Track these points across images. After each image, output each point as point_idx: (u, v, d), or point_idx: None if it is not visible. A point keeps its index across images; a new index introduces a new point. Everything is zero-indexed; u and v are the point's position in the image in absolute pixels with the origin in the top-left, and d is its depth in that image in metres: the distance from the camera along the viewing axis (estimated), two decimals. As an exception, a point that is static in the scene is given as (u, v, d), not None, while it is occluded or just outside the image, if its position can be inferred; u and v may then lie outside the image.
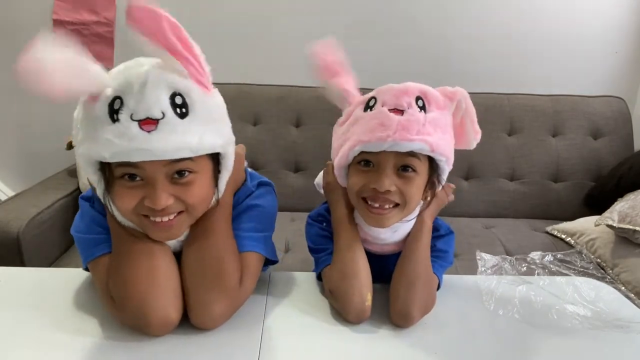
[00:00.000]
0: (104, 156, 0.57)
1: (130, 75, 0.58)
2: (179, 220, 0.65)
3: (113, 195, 0.63)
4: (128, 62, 0.62)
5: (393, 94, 0.69)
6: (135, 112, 0.56)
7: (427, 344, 0.68)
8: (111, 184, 0.62)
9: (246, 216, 0.75)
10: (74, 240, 0.74)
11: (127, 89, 0.57)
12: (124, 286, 0.64)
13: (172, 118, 0.58)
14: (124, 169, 0.60)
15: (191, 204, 0.64)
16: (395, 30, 1.96)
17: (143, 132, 0.56)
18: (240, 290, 0.69)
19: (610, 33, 2.00)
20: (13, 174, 2.10)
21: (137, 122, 0.56)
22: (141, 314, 0.63)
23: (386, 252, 0.80)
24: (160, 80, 0.58)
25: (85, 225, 0.72)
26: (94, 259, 0.69)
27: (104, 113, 0.57)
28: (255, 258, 0.73)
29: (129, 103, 0.57)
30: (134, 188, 0.61)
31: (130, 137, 0.56)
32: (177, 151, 0.58)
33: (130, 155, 0.57)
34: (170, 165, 0.60)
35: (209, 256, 0.68)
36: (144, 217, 0.64)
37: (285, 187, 1.78)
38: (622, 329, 0.73)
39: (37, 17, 1.89)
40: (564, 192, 1.86)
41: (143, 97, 0.57)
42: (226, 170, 0.69)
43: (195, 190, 0.64)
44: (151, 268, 0.65)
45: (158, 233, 0.65)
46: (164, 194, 0.60)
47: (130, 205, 0.62)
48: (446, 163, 0.72)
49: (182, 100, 0.59)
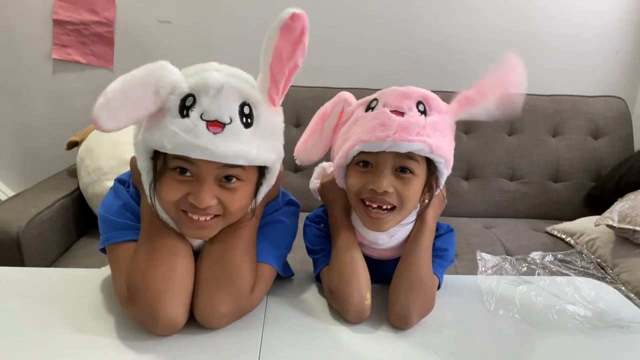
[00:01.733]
0: (166, 146, 0.60)
1: (209, 77, 0.60)
2: (215, 223, 0.67)
3: (160, 185, 0.64)
4: (203, 64, 0.64)
5: (395, 96, 0.69)
6: (205, 113, 0.59)
7: (428, 343, 0.68)
8: (161, 174, 0.63)
9: (270, 229, 0.76)
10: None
11: (203, 89, 0.60)
12: (141, 279, 0.65)
13: (237, 125, 0.61)
14: (179, 162, 0.62)
15: (230, 210, 0.66)
16: (396, 31, 1.95)
17: (209, 133, 0.59)
18: (250, 297, 0.70)
19: (610, 33, 2.00)
20: (13, 174, 2.10)
21: (206, 122, 0.59)
22: (151, 312, 0.63)
23: (383, 258, 0.80)
24: (235, 88, 0.61)
25: (117, 207, 0.73)
26: (117, 242, 0.70)
27: (175, 106, 0.60)
28: (270, 270, 0.74)
29: (202, 103, 0.59)
30: (183, 182, 0.63)
31: (196, 134, 0.58)
32: (235, 158, 0.61)
33: (191, 151, 0.59)
34: (223, 168, 0.63)
35: (228, 258, 0.69)
36: (183, 212, 0.65)
37: (285, 187, 1.74)
38: (622, 329, 0.73)
39: (37, 17, 1.89)
40: (564, 192, 1.86)
41: (217, 100, 0.60)
42: (267, 185, 0.71)
43: (238, 197, 0.66)
44: (171, 268, 0.66)
45: (192, 230, 0.67)
46: (209, 194, 0.62)
47: (174, 198, 0.64)
48: (445, 166, 0.71)
49: (249, 110, 0.62)
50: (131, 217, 0.72)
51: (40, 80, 1.96)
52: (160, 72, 0.60)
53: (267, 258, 0.73)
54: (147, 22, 1.92)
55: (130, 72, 0.58)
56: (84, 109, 1.49)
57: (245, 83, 0.63)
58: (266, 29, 0.60)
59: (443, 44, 1.98)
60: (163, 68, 0.60)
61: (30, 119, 2.02)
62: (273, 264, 0.74)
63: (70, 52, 1.94)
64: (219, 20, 1.93)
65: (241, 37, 1.93)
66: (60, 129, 1.95)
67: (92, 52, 1.94)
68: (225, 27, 1.94)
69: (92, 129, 1.64)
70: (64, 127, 1.92)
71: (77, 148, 1.64)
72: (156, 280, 0.64)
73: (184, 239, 0.69)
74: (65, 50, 1.94)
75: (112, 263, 0.71)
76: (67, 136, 1.70)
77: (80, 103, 1.93)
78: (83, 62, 1.95)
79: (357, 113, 0.73)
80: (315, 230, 0.83)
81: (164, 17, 1.92)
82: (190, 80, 0.61)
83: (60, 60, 1.94)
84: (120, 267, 0.68)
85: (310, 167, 0.82)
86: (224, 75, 0.61)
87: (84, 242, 1.49)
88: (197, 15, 1.93)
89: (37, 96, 1.99)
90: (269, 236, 0.75)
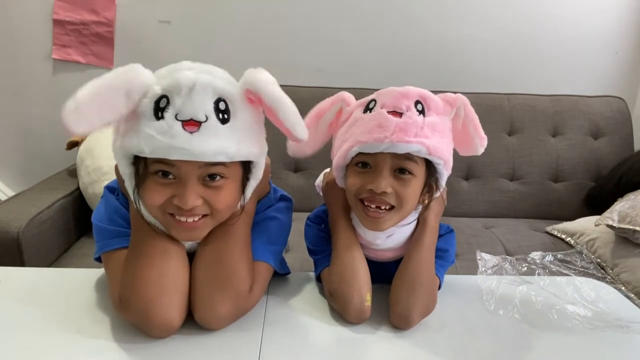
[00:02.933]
0: (144, 150, 0.59)
1: (180, 77, 0.60)
2: (203, 223, 0.66)
3: (143, 190, 0.64)
4: (175, 64, 0.63)
5: (392, 97, 0.69)
6: (180, 112, 0.58)
7: (428, 344, 0.68)
8: (143, 178, 0.63)
9: (264, 226, 0.76)
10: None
11: (175, 89, 0.59)
12: (133, 284, 0.64)
13: (214, 122, 0.60)
14: (159, 166, 0.61)
15: (217, 209, 0.65)
16: (396, 31, 1.95)
17: (185, 133, 0.58)
18: (249, 297, 0.69)
19: (610, 33, 2.00)
20: (13, 174, 2.10)
21: (181, 122, 0.58)
22: (145, 316, 0.63)
23: (380, 259, 0.80)
24: (208, 85, 0.60)
25: (107, 215, 0.73)
26: (111, 250, 0.70)
27: (149, 109, 0.59)
28: (266, 268, 0.74)
29: (175, 103, 0.59)
30: (166, 185, 0.63)
31: (173, 135, 0.58)
32: (215, 155, 0.60)
33: (170, 153, 0.59)
34: (205, 167, 0.62)
35: (225, 258, 0.68)
36: (170, 216, 0.65)
37: (285, 187, 1.74)
38: (622, 329, 0.73)
39: (37, 17, 1.89)
40: (564, 192, 1.86)
41: (190, 99, 0.59)
42: (255, 180, 0.70)
43: (224, 195, 0.65)
44: (163, 271, 0.65)
45: (181, 233, 0.66)
46: (193, 195, 0.62)
47: (158, 201, 0.63)
48: (444, 167, 0.71)
49: (225, 106, 0.61)
50: (122, 224, 0.71)
51: (40, 80, 1.96)
52: (131, 75, 0.59)
53: (263, 256, 0.73)
54: (147, 22, 1.92)
55: (102, 76, 0.58)
56: (84, 109, 1.48)
57: (218, 79, 0.62)
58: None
59: (443, 44, 1.98)
60: (134, 71, 0.60)
61: (30, 119, 2.02)
62: (269, 261, 0.73)
63: (70, 52, 1.94)
64: (219, 20, 1.93)
65: (241, 37, 1.93)
66: (60, 129, 1.90)
67: (92, 52, 1.94)
68: (225, 27, 1.93)
69: (92, 129, 1.63)
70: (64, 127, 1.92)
71: (77, 148, 1.64)
72: (148, 284, 0.64)
73: (175, 241, 0.69)
74: (65, 50, 1.94)
75: (106, 271, 0.71)
76: (67, 136, 1.70)
77: (80, 103, 1.93)
78: (83, 62, 1.95)
79: (355, 114, 0.73)
80: (316, 230, 0.83)
81: (164, 17, 1.92)
82: (162, 82, 0.60)
83: (60, 60, 1.94)
84: (114, 275, 0.68)
85: (310, 167, 0.82)
86: (196, 73, 0.60)
87: (84, 242, 1.49)
88: (197, 15, 1.93)
89: (37, 96, 1.99)
90: (264, 233, 0.75)
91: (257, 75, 0.63)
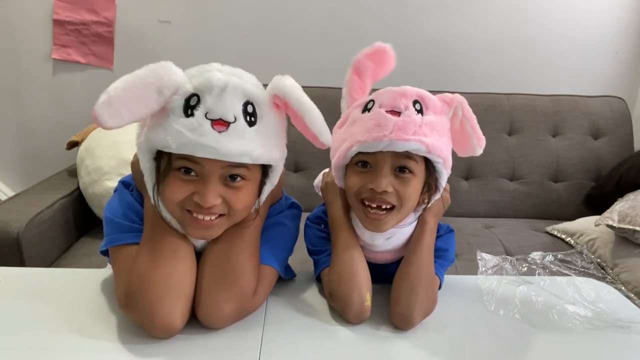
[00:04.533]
0: (170, 146, 0.60)
1: (212, 77, 0.61)
2: (219, 223, 0.67)
3: (164, 186, 0.64)
4: (204, 65, 0.64)
5: (390, 97, 0.69)
6: (210, 112, 0.60)
7: (428, 344, 0.68)
8: (165, 174, 0.64)
9: (273, 231, 0.76)
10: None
11: (207, 89, 0.61)
12: (140, 283, 0.64)
13: (242, 124, 0.61)
14: (183, 162, 0.62)
15: (235, 209, 0.66)
16: (396, 31, 1.95)
17: (214, 131, 0.59)
18: (253, 298, 0.70)
19: (610, 33, 2.00)
20: (13, 174, 2.10)
21: (210, 121, 0.60)
22: (148, 316, 0.63)
23: (379, 261, 0.80)
24: (238, 87, 0.62)
25: (122, 210, 0.73)
26: (120, 245, 0.70)
27: (179, 106, 0.61)
28: (272, 272, 0.74)
29: (206, 102, 0.60)
30: (187, 182, 0.63)
31: (201, 133, 0.59)
32: (240, 156, 0.61)
33: (196, 150, 0.60)
34: (228, 168, 0.63)
35: (233, 258, 0.69)
36: (187, 212, 0.65)
37: (285, 188, 1.76)
38: (622, 329, 0.73)
39: (37, 17, 1.89)
40: (564, 192, 1.86)
41: (221, 100, 0.60)
42: (271, 184, 0.71)
43: (242, 196, 0.66)
44: (170, 271, 0.66)
45: (196, 230, 0.67)
46: (214, 193, 0.63)
47: (179, 197, 0.64)
48: (443, 166, 0.72)
49: (253, 109, 0.63)
50: (135, 220, 0.72)
51: (40, 80, 1.96)
52: (162, 72, 0.60)
53: (270, 260, 0.73)
54: (147, 22, 1.92)
55: (134, 72, 0.59)
56: (84, 108, 1.50)
57: (247, 82, 0.63)
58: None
59: (443, 44, 1.98)
60: (166, 68, 0.61)
61: (30, 119, 2.02)
62: (275, 266, 0.74)
63: (70, 52, 1.94)
64: (219, 20, 1.93)
65: (241, 37, 1.93)
66: (60, 129, 1.95)
67: (92, 52, 1.94)
68: (225, 27, 1.94)
69: (93, 129, 1.64)
70: (64, 127, 1.92)
71: (77, 148, 1.64)
72: (155, 285, 0.64)
73: (186, 240, 0.69)
74: (65, 50, 1.94)
75: (114, 266, 0.71)
76: (67, 136, 1.70)
77: (80, 103, 1.93)
78: (83, 62, 1.95)
79: (353, 114, 0.73)
80: (316, 231, 0.83)
81: (164, 17, 1.92)
82: (193, 81, 0.61)
83: (60, 60, 1.94)
84: (122, 270, 0.68)
85: (310, 167, 0.82)
86: (227, 75, 0.62)
87: (83, 242, 1.49)
88: (197, 15, 1.93)
89: (37, 96, 1.99)
90: (272, 238, 0.76)
91: (285, 81, 0.65)
